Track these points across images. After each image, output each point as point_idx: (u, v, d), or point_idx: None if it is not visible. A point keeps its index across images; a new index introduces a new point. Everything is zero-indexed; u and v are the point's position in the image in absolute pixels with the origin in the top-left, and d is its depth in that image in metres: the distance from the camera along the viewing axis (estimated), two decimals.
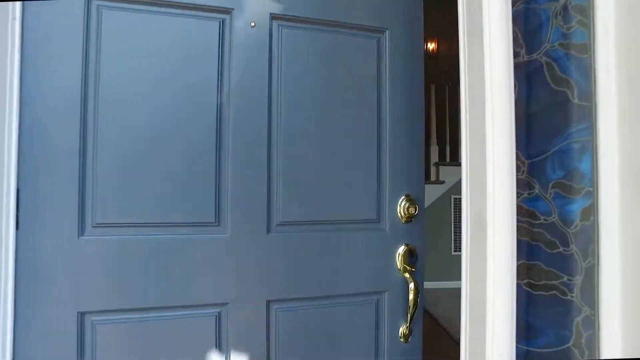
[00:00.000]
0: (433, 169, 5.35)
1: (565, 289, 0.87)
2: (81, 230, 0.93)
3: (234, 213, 1.01)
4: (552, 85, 0.90)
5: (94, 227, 0.93)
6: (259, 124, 1.03)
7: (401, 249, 1.11)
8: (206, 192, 1.00)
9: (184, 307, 0.98)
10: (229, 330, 1.01)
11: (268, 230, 1.03)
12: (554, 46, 0.90)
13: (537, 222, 0.92)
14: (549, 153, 0.90)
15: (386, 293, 1.11)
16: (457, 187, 5.17)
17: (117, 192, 0.94)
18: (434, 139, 5.36)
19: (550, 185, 0.90)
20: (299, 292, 1.05)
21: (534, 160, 0.92)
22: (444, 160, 5.32)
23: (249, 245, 1.02)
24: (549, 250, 0.90)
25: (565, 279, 0.87)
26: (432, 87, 5.23)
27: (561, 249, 0.88)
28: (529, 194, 0.93)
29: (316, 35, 1.07)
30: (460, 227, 5.01)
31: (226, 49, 1.01)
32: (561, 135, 0.88)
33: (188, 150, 0.99)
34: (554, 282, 0.89)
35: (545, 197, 0.90)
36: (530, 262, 0.92)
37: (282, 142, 1.04)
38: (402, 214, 1.12)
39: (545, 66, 0.92)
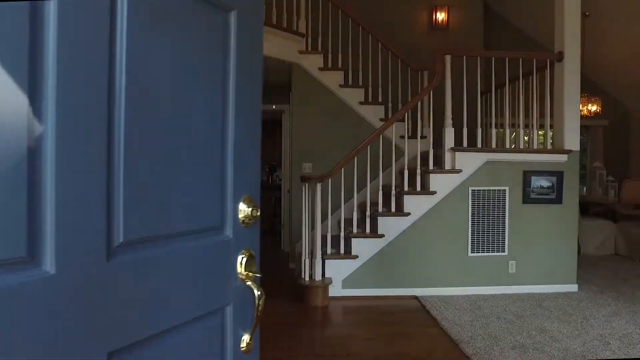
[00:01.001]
0: (448, 155, 4.23)
1: None
2: None
3: (59, 237, 0.65)
4: None
5: None
6: (97, 106, 0.70)
7: (243, 255, 1.02)
8: (11, 208, 0.60)
9: None
10: None
11: (108, 256, 0.73)
12: None
13: None
14: None
15: (230, 306, 1.00)
16: (475, 176, 4.21)
17: None
18: (449, 120, 4.24)
19: None
20: (147, 329, 0.80)
21: None
22: (461, 145, 4.26)
23: (82, 282, 0.68)
24: None
25: None
26: (448, 58, 4.19)
27: None
28: None
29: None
30: (480, 224, 3.91)
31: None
32: None
33: None
34: None
35: None
36: None
37: (125, 132, 0.75)
38: (245, 217, 1.03)
39: None
